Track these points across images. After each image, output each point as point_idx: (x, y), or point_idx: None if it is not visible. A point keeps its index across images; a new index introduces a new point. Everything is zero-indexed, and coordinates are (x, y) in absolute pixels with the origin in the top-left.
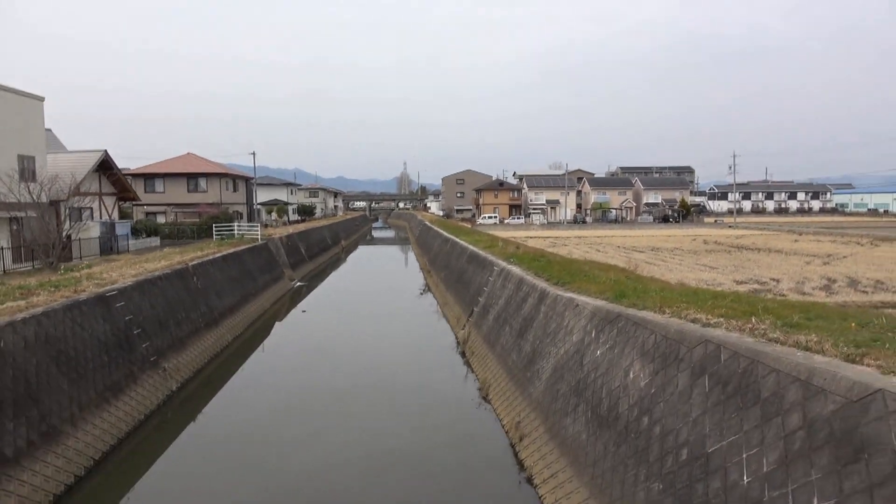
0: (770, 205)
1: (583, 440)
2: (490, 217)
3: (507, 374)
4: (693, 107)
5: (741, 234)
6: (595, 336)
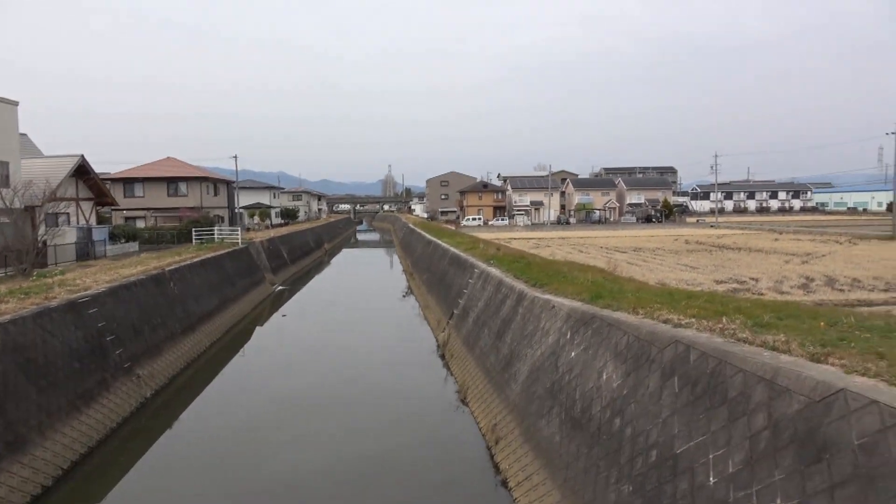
0: (752, 204)
1: (557, 442)
2: (474, 219)
3: (486, 377)
4: (676, 107)
5: (723, 234)
6: (570, 337)
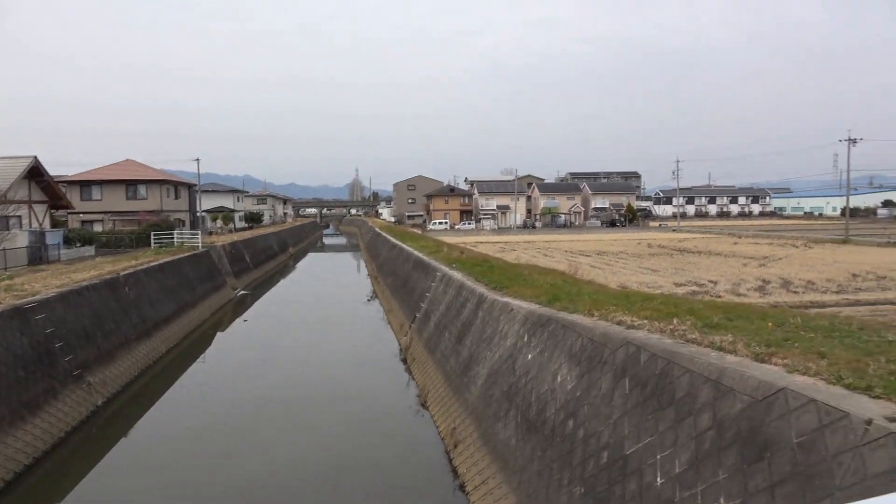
0: (713, 209)
1: (513, 445)
2: (440, 223)
3: (445, 381)
4: (640, 112)
5: (684, 238)
6: (527, 340)
